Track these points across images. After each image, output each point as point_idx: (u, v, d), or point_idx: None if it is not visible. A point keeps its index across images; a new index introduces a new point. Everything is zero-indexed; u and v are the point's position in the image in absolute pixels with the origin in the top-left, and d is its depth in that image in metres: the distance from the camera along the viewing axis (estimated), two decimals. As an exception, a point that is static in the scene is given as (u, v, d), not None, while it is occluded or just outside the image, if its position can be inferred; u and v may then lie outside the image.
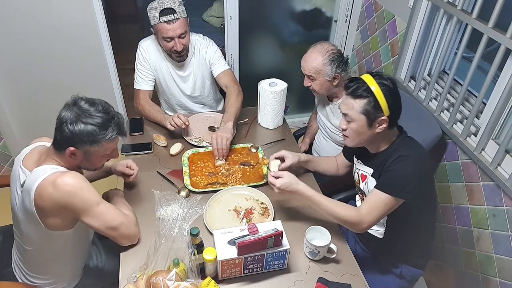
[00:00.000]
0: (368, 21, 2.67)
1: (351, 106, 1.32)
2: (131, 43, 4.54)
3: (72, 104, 1.24)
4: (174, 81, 2.12)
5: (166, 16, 1.82)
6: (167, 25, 1.83)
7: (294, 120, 3.22)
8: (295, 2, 2.79)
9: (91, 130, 1.22)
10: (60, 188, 1.19)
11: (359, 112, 1.31)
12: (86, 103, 1.24)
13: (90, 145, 1.24)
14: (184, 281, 1.18)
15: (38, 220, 1.25)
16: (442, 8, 1.95)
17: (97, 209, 1.26)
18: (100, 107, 1.26)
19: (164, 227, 1.37)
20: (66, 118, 1.21)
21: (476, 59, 1.72)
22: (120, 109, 2.81)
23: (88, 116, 1.22)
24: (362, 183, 1.50)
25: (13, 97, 2.56)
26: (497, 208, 1.65)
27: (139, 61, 2.06)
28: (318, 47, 1.77)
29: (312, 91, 1.88)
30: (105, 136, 1.25)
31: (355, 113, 1.32)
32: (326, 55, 1.74)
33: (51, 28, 2.35)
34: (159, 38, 1.92)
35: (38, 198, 1.21)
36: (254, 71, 2.22)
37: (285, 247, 1.26)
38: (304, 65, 1.80)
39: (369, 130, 1.34)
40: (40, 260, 1.40)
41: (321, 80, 1.78)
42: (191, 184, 1.65)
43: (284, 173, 1.39)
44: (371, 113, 1.30)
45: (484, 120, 1.76)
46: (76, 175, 1.24)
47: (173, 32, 1.85)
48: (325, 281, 1.28)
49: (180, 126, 1.85)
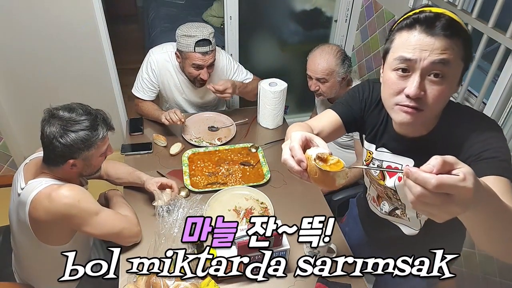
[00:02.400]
0: (368, 21, 2.67)
1: (450, 49, 0.83)
2: (131, 43, 4.59)
3: (50, 117, 1.19)
4: (185, 93, 2.09)
5: (203, 47, 1.81)
6: (201, 56, 1.83)
7: (294, 120, 3.21)
8: (295, 2, 2.78)
9: (84, 135, 1.19)
10: (57, 201, 1.17)
11: (461, 58, 0.86)
12: (64, 111, 1.20)
13: (87, 151, 1.22)
14: (184, 281, 1.18)
15: (32, 233, 1.23)
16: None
17: (97, 219, 1.25)
18: (80, 110, 1.21)
19: (164, 227, 1.37)
20: (53, 134, 1.17)
21: (476, 59, 1.72)
22: (120, 109, 2.81)
23: (74, 123, 1.18)
24: (390, 180, 1.11)
25: (13, 97, 2.55)
26: (497, 208, 1.65)
27: (146, 71, 2.00)
28: (326, 49, 1.77)
29: (317, 95, 1.86)
30: (98, 137, 1.23)
31: (457, 58, 0.85)
32: (337, 55, 1.75)
33: (51, 29, 2.35)
34: (186, 64, 1.89)
35: (33, 212, 1.19)
36: (254, 71, 2.22)
37: (285, 247, 1.26)
38: (315, 68, 1.77)
39: (454, 91, 0.91)
40: (33, 271, 1.40)
41: (332, 81, 1.78)
42: (191, 184, 1.65)
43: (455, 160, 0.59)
44: (467, 58, 0.88)
45: (484, 120, 1.76)
46: (73, 187, 1.22)
47: (205, 63, 1.85)
48: (325, 281, 1.28)
49: (175, 122, 1.84)
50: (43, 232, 1.25)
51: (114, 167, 1.59)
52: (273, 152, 1.88)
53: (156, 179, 1.49)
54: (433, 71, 0.85)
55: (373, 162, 1.15)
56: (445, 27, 0.84)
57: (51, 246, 1.28)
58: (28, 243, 1.29)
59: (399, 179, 1.06)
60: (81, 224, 1.24)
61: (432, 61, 0.84)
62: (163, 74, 2.01)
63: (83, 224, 1.24)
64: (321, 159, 0.72)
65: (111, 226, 1.29)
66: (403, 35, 0.88)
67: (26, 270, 1.41)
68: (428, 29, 0.85)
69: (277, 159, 1.70)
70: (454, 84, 0.89)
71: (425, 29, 0.85)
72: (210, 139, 1.94)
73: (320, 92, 1.83)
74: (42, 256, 1.32)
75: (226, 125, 2.03)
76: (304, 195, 1.61)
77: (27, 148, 2.77)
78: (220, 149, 1.86)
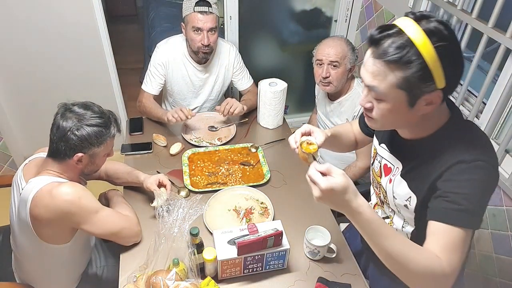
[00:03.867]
0: (368, 21, 2.67)
1: (382, 75, 0.83)
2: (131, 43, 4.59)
3: (65, 111, 1.23)
4: (192, 83, 2.10)
5: (201, 7, 1.85)
6: (200, 15, 1.85)
7: (294, 120, 3.22)
8: (295, 2, 2.78)
9: (98, 131, 1.24)
10: (58, 198, 1.17)
11: (396, 87, 0.83)
12: (80, 107, 1.25)
13: (97, 147, 1.26)
14: (184, 281, 1.18)
15: (33, 231, 1.24)
16: (442, 8, 1.95)
17: (97, 217, 1.26)
18: (95, 108, 1.27)
19: (164, 227, 1.37)
20: (68, 127, 1.21)
21: (476, 59, 1.72)
22: (120, 109, 2.81)
23: (90, 118, 1.23)
24: (385, 178, 1.10)
25: (13, 97, 2.55)
26: (497, 208, 1.65)
27: (154, 63, 2.04)
28: (336, 37, 1.84)
29: (325, 85, 1.81)
30: (110, 134, 1.28)
31: (389, 87, 0.83)
32: (347, 42, 1.79)
33: (51, 28, 2.35)
34: (188, 30, 1.91)
35: (34, 209, 1.19)
36: (254, 71, 2.22)
37: (285, 247, 1.26)
38: (328, 52, 1.75)
39: (409, 111, 0.87)
40: (33, 272, 1.40)
41: (343, 68, 1.77)
42: (191, 184, 1.65)
43: (338, 171, 0.82)
44: (416, 86, 0.82)
45: (484, 120, 1.76)
46: (74, 184, 1.23)
47: (204, 24, 1.86)
48: (325, 281, 1.28)
49: (183, 119, 1.84)
50: (44, 231, 1.25)
51: (114, 167, 1.59)
52: (273, 152, 1.88)
53: (154, 177, 1.50)
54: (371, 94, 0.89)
55: (377, 157, 1.15)
56: (385, 52, 0.81)
57: (52, 245, 1.28)
58: (28, 243, 1.29)
59: (389, 181, 1.08)
60: (81, 222, 1.24)
61: (367, 85, 0.88)
62: (170, 64, 2.04)
63: (83, 222, 1.24)
64: (308, 143, 1.01)
65: (111, 225, 1.30)
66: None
67: (26, 270, 1.41)
68: (374, 49, 0.84)
69: (277, 159, 1.72)
70: (401, 107, 0.86)
71: (372, 49, 0.85)
72: (210, 139, 1.95)
73: (330, 79, 1.78)
74: (42, 256, 1.32)
75: (226, 125, 2.03)
76: (304, 195, 1.61)
77: (27, 148, 2.77)
78: (220, 149, 1.86)
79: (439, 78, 0.81)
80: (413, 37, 0.79)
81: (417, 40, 0.79)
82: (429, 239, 0.87)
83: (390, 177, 1.07)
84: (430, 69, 0.80)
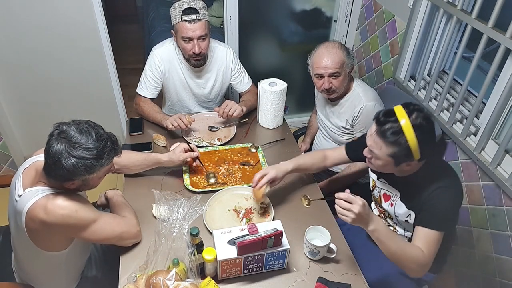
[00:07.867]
0: (368, 21, 2.67)
1: (379, 146, 1.25)
2: (131, 43, 4.59)
3: (59, 134, 1.13)
4: (189, 87, 2.09)
5: (188, 15, 1.80)
6: (187, 24, 1.81)
7: (294, 120, 3.22)
8: (295, 2, 2.79)
9: (87, 163, 1.14)
10: (53, 213, 1.15)
11: (387, 155, 1.24)
12: (76, 132, 1.13)
13: (88, 175, 1.18)
14: (184, 281, 1.18)
15: (30, 241, 1.23)
16: (442, 8, 1.95)
17: (95, 226, 1.25)
18: (90, 136, 1.15)
19: (164, 227, 1.37)
20: (59, 152, 1.11)
21: (476, 59, 1.72)
22: (120, 109, 2.80)
23: (80, 148, 1.12)
24: (385, 203, 1.47)
25: (13, 97, 2.56)
26: (497, 208, 1.65)
27: (150, 68, 2.01)
28: (329, 45, 1.77)
29: (329, 93, 1.81)
30: (102, 165, 1.18)
31: (382, 154, 1.25)
32: (341, 47, 1.77)
33: (51, 28, 2.35)
34: (178, 38, 1.89)
35: (29, 223, 1.18)
36: (254, 71, 2.22)
37: (285, 247, 1.26)
38: (326, 65, 1.73)
39: (394, 168, 1.29)
40: (32, 272, 1.40)
41: (343, 74, 1.76)
42: (191, 184, 1.65)
43: (358, 198, 1.17)
44: (400, 157, 1.23)
45: (484, 120, 1.76)
46: (69, 196, 1.20)
47: (193, 33, 1.82)
48: (325, 281, 1.28)
49: (183, 127, 1.84)
50: (41, 241, 1.24)
51: (126, 156, 1.54)
52: (273, 152, 1.88)
53: (177, 149, 1.61)
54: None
55: (376, 188, 1.51)
56: (384, 133, 1.22)
57: (50, 252, 1.28)
58: (26, 248, 1.29)
59: (391, 205, 1.44)
60: (79, 232, 1.24)
61: (369, 149, 1.31)
62: (167, 68, 2.01)
63: (82, 232, 1.24)
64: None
65: (110, 232, 1.29)
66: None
67: (25, 271, 1.41)
68: (378, 128, 1.25)
69: (277, 159, 1.71)
70: (389, 165, 1.28)
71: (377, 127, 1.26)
72: (210, 139, 1.95)
73: (333, 88, 1.78)
74: (41, 260, 1.32)
75: (226, 125, 2.03)
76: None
77: (27, 148, 2.77)
78: (220, 149, 1.86)
79: (417, 155, 1.21)
80: (404, 129, 1.19)
81: (406, 132, 1.19)
82: (415, 238, 1.28)
83: (391, 201, 1.44)
84: (412, 151, 1.20)
